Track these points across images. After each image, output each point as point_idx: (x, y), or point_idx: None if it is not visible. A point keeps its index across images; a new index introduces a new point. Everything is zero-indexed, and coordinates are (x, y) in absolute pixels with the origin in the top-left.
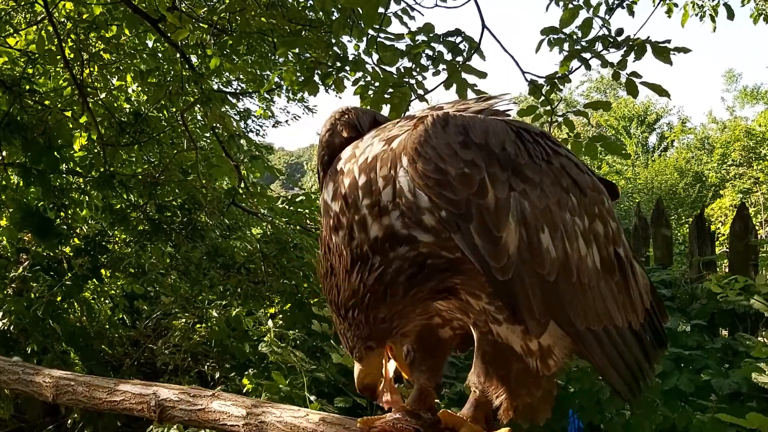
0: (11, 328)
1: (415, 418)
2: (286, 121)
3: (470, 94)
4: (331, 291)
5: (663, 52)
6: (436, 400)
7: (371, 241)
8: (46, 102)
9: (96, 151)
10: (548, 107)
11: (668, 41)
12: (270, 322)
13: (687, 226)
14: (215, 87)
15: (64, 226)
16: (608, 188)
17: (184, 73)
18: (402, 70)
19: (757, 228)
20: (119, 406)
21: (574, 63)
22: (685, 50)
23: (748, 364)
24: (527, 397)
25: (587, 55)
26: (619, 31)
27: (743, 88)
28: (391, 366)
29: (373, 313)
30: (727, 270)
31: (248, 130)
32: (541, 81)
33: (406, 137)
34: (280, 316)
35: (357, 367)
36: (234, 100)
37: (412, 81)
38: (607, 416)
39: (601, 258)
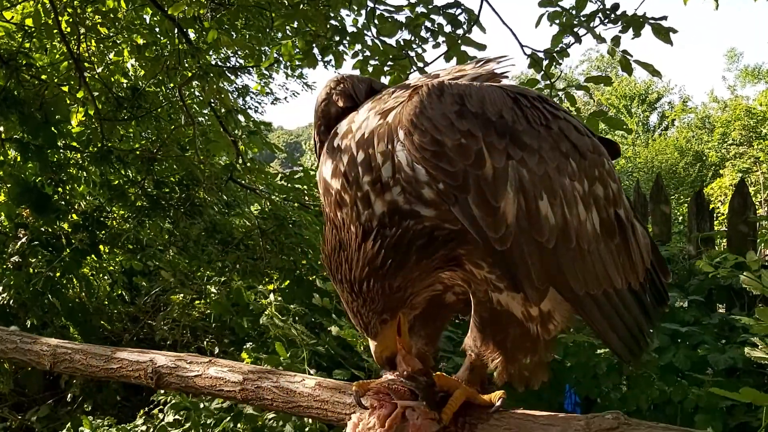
0: (10, 302)
1: (410, 380)
2: (285, 98)
3: None
4: (341, 267)
5: (662, 31)
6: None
7: (379, 216)
8: (43, 77)
9: (94, 126)
10: (548, 81)
11: (664, 17)
12: (271, 296)
13: (686, 205)
14: (213, 63)
15: (62, 202)
16: (609, 147)
17: (182, 47)
18: (402, 43)
19: (756, 207)
20: (116, 373)
21: (571, 39)
22: (672, 30)
23: (745, 341)
24: (523, 361)
25: (581, 31)
26: (615, 6)
27: (744, 67)
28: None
29: (389, 281)
30: (725, 246)
31: (246, 107)
32: (540, 55)
33: (401, 109)
34: (279, 292)
35: (373, 344)
36: (232, 76)
37: (412, 53)
38: (604, 390)
39: (601, 221)
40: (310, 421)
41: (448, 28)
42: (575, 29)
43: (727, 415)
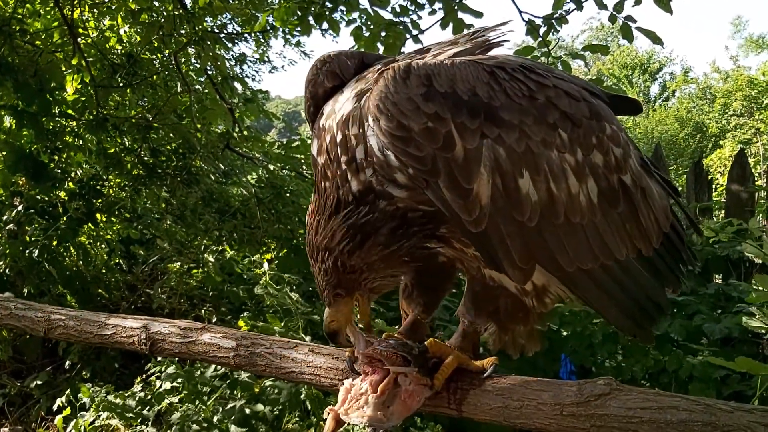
0: (7, 270)
1: (402, 346)
2: (282, 66)
3: None
4: (311, 230)
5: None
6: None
7: (355, 193)
8: (37, 43)
9: (89, 93)
10: (545, 49)
11: None
12: (266, 265)
13: (685, 176)
14: (209, 29)
15: (58, 170)
16: (628, 104)
17: (177, 13)
18: (398, 9)
19: (756, 178)
20: (110, 339)
21: (571, 5)
22: None
23: (741, 311)
24: (516, 330)
25: None
26: None
27: (749, 36)
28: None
29: (343, 258)
30: (723, 217)
31: (244, 75)
32: (538, 21)
33: (369, 94)
34: (277, 261)
35: (326, 311)
36: (229, 44)
37: (407, 20)
38: (599, 359)
39: (600, 190)
40: (306, 388)
41: None
42: None
43: (721, 384)
